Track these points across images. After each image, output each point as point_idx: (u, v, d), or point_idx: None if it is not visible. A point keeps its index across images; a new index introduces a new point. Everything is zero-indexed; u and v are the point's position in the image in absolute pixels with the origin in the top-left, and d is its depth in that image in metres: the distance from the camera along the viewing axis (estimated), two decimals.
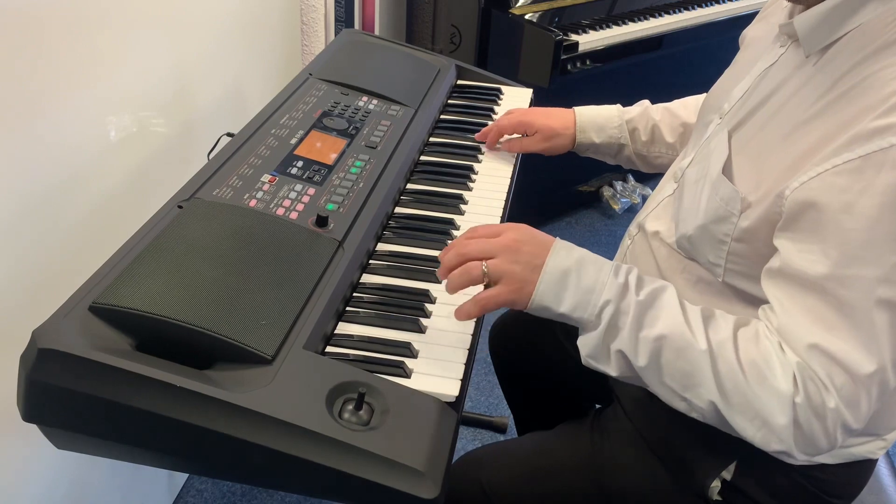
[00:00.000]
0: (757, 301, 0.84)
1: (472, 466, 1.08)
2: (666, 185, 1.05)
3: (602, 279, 0.82)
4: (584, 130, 1.25)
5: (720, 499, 0.96)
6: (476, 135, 1.31)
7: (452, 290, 0.85)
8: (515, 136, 1.29)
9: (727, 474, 0.95)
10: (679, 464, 0.97)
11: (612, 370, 0.83)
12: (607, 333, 0.81)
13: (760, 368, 0.76)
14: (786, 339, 0.77)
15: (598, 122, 1.25)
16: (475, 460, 1.10)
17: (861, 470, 0.96)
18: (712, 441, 0.90)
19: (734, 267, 0.87)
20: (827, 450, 0.78)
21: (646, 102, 1.27)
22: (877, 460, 0.98)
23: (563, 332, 1.28)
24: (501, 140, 1.30)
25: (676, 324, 0.79)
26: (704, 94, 1.25)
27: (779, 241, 0.79)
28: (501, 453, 1.11)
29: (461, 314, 0.85)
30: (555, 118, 1.26)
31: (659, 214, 1.02)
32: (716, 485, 0.95)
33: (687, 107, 1.25)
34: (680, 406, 0.82)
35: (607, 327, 0.81)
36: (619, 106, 1.27)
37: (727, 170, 0.86)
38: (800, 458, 0.78)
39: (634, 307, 0.80)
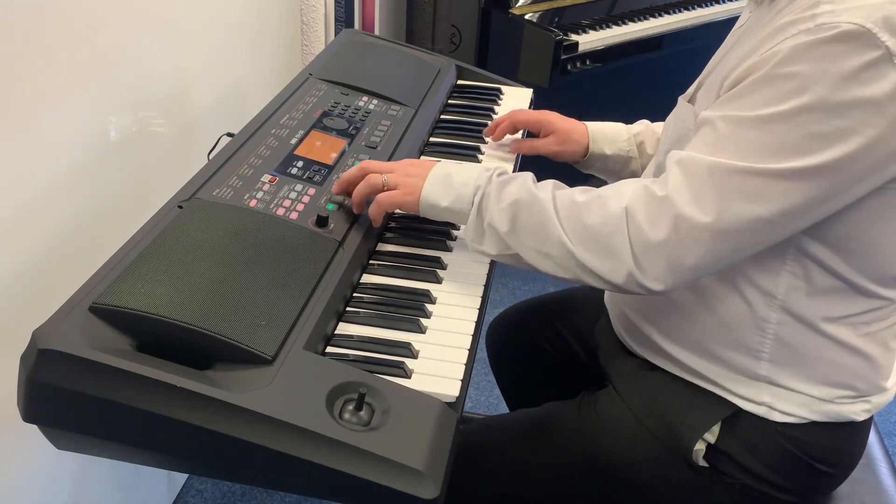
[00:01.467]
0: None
1: (461, 438, 1.10)
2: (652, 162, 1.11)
3: (473, 175, 0.95)
4: (597, 141, 1.25)
5: (706, 464, 0.98)
6: (486, 129, 1.30)
7: (356, 197, 0.98)
8: (519, 136, 1.29)
9: (711, 437, 0.96)
10: (665, 430, 0.99)
11: (490, 248, 0.93)
12: (478, 214, 0.93)
13: (598, 196, 0.87)
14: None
15: (608, 134, 1.25)
16: (464, 432, 1.12)
17: (847, 435, 0.97)
18: (696, 403, 0.97)
19: None
20: (673, 260, 0.83)
21: (645, 121, 1.28)
22: (863, 426, 0.99)
23: (560, 323, 1.29)
24: (508, 140, 1.29)
25: (526, 188, 0.91)
26: None
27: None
28: (491, 425, 1.14)
29: (358, 209, 0.99)
30: (571, 123, 1.27)
31: None
32: (700, 447, 0.97)
33: None
34: (547, 265, 0.90)
35: (478, 209, 0.93)
36: (621, 123, 1.29)
37: (691, 102, 0.98)
38: (652, 283, 0.84)
39: (495, 186, 0.93)
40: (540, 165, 1.29)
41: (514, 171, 1.26)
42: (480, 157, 1.28)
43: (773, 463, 0.96)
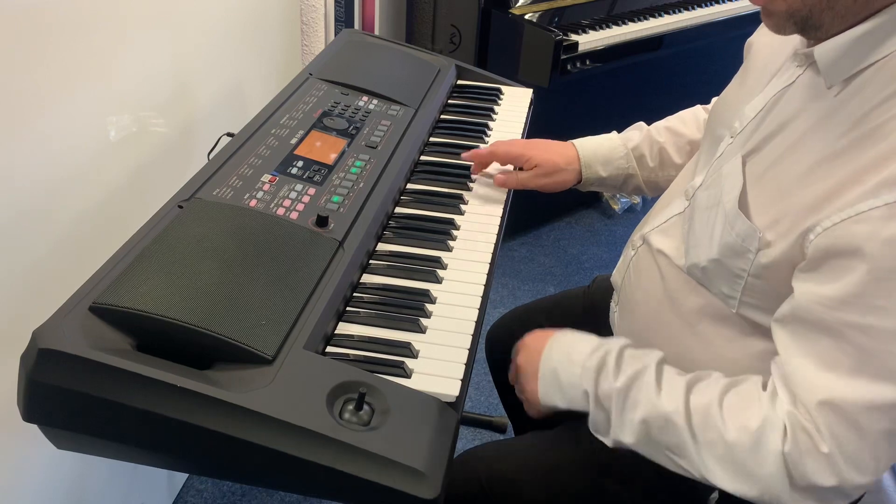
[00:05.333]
0: (771, 333, 0.83)
1: (471, 462, 1.08)
2: (675, 202, 1.00)
3: (577, 371, 0.90)
4: (590, 165, 1.17)
5: (717, 496, 0.96)
6: (464, 154, 1.21)
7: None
8: (509, 168, 1.21)
9: None
10: (677, 476, 0.97)
11: (611, 444, 0.89)
12: (604, 425, 0.88)
13: (750, 431, 0.77)
14: (790, 388, 0.77)
15: (601, 154, 1.17)
16: (475, 457, 1.10)
17: None
18: None
19: (750, 300, 0.85)
20: (843, 500, 0.77)
21: (643, 125, 1.22)
22: None
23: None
24: (493, 172, 1.21)
25: (654, 405, 0.84)
26: (699, 106, 1.21)
27: (798, 283, 0.77)
28: (501, 450, 1.12)
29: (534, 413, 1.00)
30: (556, 152, 1.18)
31: (666, 231, 0.99)
32: (714, 496, 0.95)
33: (686, 123, 1.19)
34: (682, 472, 0.84)
35: (596, 412, 0.88)
36: (617, 133, 1.21)
37: (742, 202, 0.83)
38: None
39: (615, 396, 0.86)
40: None
41: (514, 169, 1.20)
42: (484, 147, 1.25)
43: None
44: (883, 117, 0.72)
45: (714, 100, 1.07)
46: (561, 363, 0.92)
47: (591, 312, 1.23)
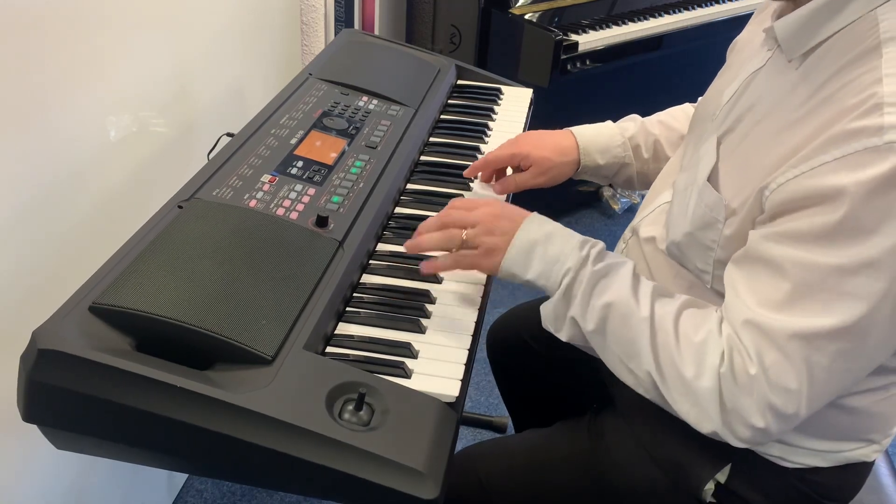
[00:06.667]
0: None
1: (470, 460, 1.09)
2: (663, 192, 1.03)
3: (566, 251, 0.88)
4: (588, 153, 1.17)
5: (714, 500, 0.96)
6: (465, 171, 1.19)
7: (428, 247, 0.93)
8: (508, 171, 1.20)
9: (721, 476, 0.95)
10: (674, 465, 0.97)
11: (563, 335, 0.89)
12: (563, 300, 0.87)
13: (694, 344, 0.80)
14: (727, 316, 0.80)
15: (600, 142, 1.18)
16: (474, 454, 1.11)
17: (856, 473, 0.96)
18: (707, 444, 0.91)
19: (721, 273, 0.86)
20: (760, 438, 0.78)
21: (636, 117, 1.22)
22: (873, 463, 0.98)
23: None
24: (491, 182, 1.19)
25: (624, 292, 0.84)
26: (687, 104, 1.23)
27: (752, 233, 0.80)
28: (500, 448, 1.12)
29: (430, 267, 0.93)
30: (549, 147, 1.16)
31: (654, 220, 1.01)
32: (709, 487, 0.95)
33: (677, 118, 1.21)
34: (628, 378, 0.85)
35: (563, 294, 0.87)
36: (612, 123, 1.21)
37: (713, 177, 0.87)
38: (735, 442, 0.79)
39: (589, 276, 0.86)
40: None
41: (514, 169, 1.21)
42: (479, 157, 1.27)
43: (782, 501, 0.94)
44: (836, 86, 0.75)
45: (700, 99, 1.08)
46: (542, 238, 0.89)
47: None
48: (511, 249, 0.89)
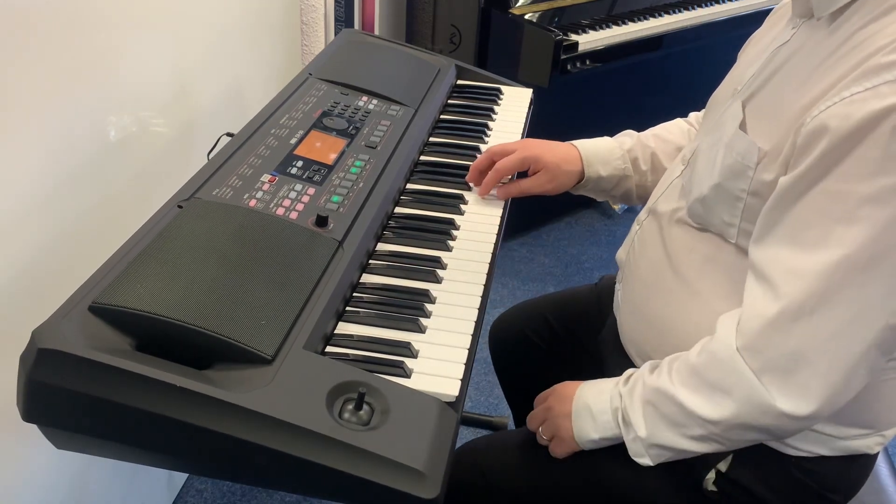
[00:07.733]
0: None
1: (471, 454, 1.10)
2: (675, 168, 1.05)
3: (605, 398, 0.96)
4: (591, 164, 1.17)
5: (715, 489, 0.97)
6: (467, 177, 1.18)
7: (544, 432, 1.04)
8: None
9: (723, 465, 0.96)
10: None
11: (651, 461, 0.94)
12: (626, 429, 0.93)
13: (709, 350, 0.86)
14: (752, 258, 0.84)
15: (601, 154, 1.18)
16: (475, 448, 1.11)
17: (859, 465, 0.97)
18: None
19: (748, 226, 0.87)
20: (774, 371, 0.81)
21: (632, 132, 1.23)
22: (875, 457, 0.98)
23: (560, 328, 1.29)
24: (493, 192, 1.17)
25: (644, 382, 0.92)
26: (681, 119, 1.25)
27: (782, 179, 0.81)
28: (501, 441, 1.13)
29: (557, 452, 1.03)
30: (557, 153, 1.16)
31: (670, 195, 1.02)
32: (711, 476, 0.96)
33: (671, 131, 1.22)
34: (708, 447, 0.89)
35: (625, 430, 0.93)
36: (609, 138, 1.22)
37: (741, 129, 0.89)
38: (812, 401, 0.80)
39: (624, 396, 0.93)
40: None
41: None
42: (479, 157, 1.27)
43: (785, 494, 0.95)
44: (867, 34, 0.78)
45: (713, 95, 1.08)
46: (592, 396, 0.97)
47: (597, 305, 1.24)
48: (574, 425, 0.98)
